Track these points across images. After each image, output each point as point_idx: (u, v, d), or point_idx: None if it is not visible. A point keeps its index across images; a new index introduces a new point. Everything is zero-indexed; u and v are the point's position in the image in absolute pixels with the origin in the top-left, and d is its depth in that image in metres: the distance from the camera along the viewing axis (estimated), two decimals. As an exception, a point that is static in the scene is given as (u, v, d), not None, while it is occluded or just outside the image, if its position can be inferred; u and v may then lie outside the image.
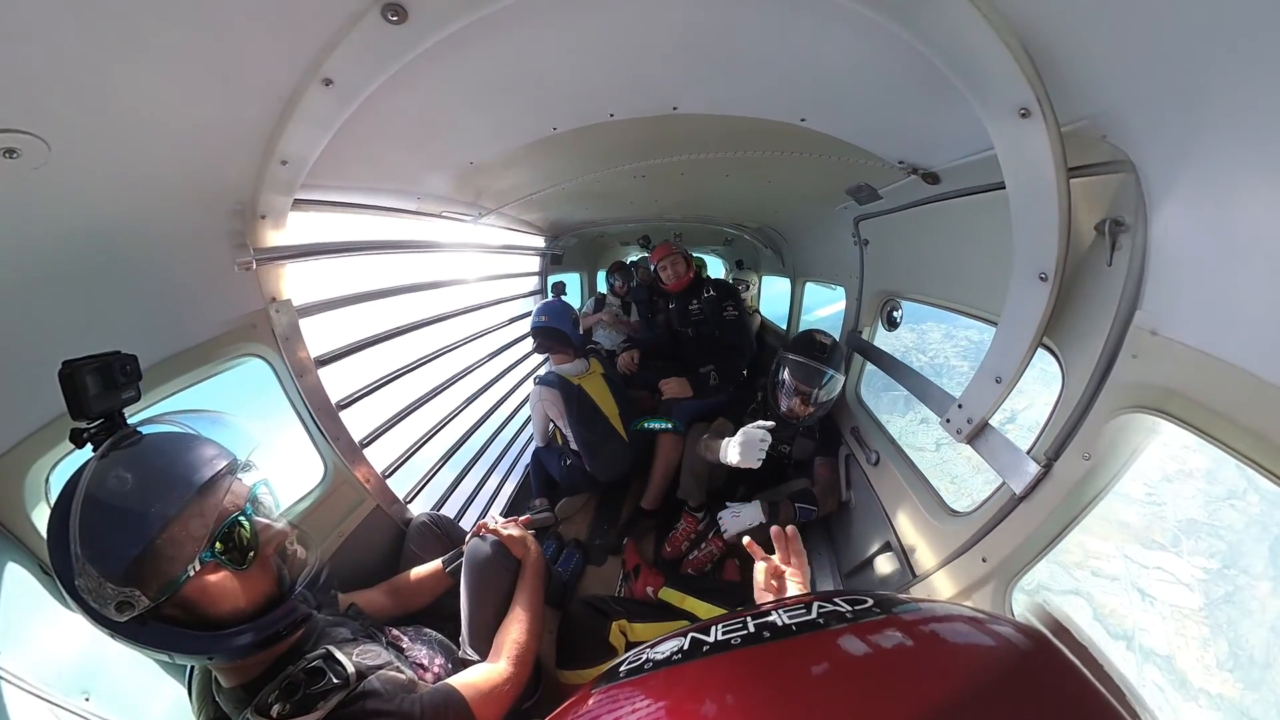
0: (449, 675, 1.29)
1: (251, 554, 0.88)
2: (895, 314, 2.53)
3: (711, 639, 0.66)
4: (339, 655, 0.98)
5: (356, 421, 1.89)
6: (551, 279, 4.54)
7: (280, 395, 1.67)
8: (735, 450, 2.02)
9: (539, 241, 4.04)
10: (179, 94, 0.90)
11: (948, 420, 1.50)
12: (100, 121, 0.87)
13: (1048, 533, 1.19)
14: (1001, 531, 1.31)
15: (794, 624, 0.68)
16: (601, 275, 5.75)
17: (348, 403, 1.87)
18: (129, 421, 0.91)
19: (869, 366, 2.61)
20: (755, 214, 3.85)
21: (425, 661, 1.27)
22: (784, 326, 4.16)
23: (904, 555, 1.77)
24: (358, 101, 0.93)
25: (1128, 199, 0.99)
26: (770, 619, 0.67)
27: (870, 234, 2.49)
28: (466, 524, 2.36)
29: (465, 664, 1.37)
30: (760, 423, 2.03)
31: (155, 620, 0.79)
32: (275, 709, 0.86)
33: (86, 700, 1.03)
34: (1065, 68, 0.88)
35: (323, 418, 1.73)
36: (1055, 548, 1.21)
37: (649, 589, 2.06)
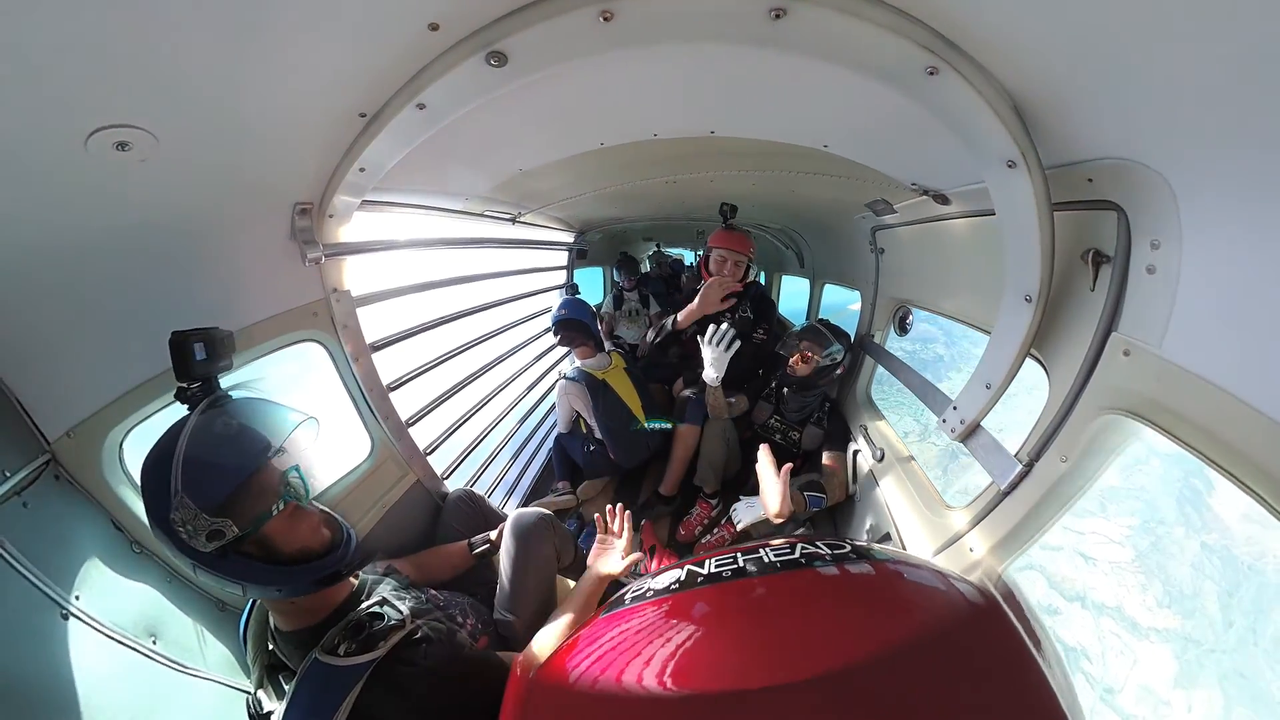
0: (479, 633, 1.41)
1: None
2: (907, 321, 2.63)
3: (705, 571, 0.79)
4: (393, 600, 1.08)
5: (401, 402, 2.02)
6: (576, 275, 4.63)
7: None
8: (709, 370, 2.42)
9: (568, 237, 4.17)
10: (277, 100, 0.95)
11: (944, 420, 1.61)
12: (203, 120, 0.90)
13: (1029, 527, 1.28)
14: (987, 525, 1.40)
15: (779, 561, 0.80)
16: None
17: (396, 385, 2.01)
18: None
19: (879, 375, 2.70)
20: (777, 218, 3.92)
21: (459, 618, 1.40)
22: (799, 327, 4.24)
23: (903, 546, 1.86)
24: (443, 124, 1.03)
25: (1109, 234, 1.09)
26: (758, 555, 0.79)
27: (886, 244, 2.57)
28: (495, 500, 2.52)
29: (498, 623, 1.51)
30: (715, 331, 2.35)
31: (236, 554, 0.89)
32: (342, 648, 0.92)
33: (154, 642, 1.14)
34: (1054, 120, 0.97)
35: (374, 398, 1.86)
36: (1036, 542, 1.29)
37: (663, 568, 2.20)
